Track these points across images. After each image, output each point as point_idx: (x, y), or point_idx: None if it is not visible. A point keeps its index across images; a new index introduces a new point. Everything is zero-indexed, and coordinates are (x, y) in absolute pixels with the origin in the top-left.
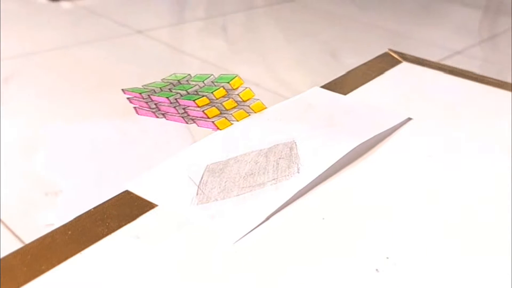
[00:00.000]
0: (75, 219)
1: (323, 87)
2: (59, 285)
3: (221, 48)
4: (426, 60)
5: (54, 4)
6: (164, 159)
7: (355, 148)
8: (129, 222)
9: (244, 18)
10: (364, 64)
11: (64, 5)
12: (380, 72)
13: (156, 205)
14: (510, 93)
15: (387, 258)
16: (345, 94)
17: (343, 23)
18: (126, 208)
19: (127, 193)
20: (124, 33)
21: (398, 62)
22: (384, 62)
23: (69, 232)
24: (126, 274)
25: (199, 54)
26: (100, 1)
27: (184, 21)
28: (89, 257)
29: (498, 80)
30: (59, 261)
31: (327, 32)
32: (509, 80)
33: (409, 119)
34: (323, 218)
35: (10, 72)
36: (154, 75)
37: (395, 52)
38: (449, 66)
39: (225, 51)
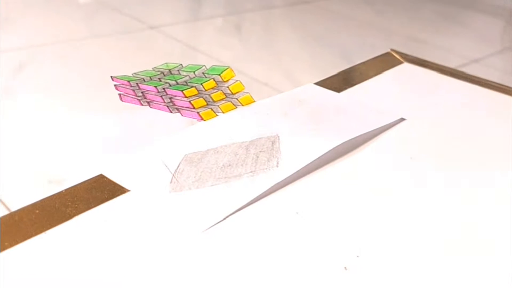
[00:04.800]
0: (45, 198)
1: (318, 83)
2: (18, 262)
3: (233, 46)
4: (429, 62)
5: None
6: (144, 146)
7: (339, 145)
8: (98, 205)
9: (259, 18)
10: (363, 63)
11: None
12: (379, 71)
13: (128, 190)
14: (511, 97)
15: (357, 256)
16: (339, 91)
17: (358, 27)
18: (97, 191)
19: (100, 177)
20: (137, 28)
21: (400, 62)
22: (384, 62)
23: (37, 211)
24: (88, 256)
25: (211, 52)
26: None
27: (199, 18)
28: (52, 237)
29: (501, 85)
30: (23, 239)
31: (342, 35)
32: None
33: (402, 119)
34: (297, 212)
35: (23, 62)
36: None
37: (397, 52)
38: (451, 69)
39: (237, 49)
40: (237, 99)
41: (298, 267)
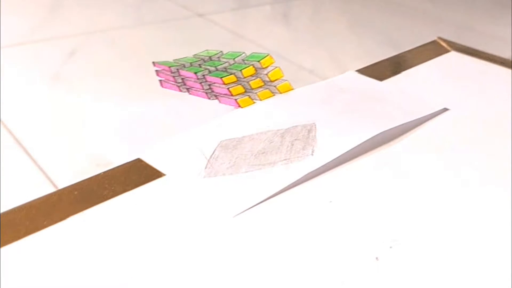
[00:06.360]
0: (84, 180)
1: (360, 71)
2: (56, 240)
3: (281, 34)
4: (477, 51)
5: None
6: (181, 132)
7: (378, 135)
8: (134, 188)
9: (307, 5)
10: (409, 51)
11: None
12: (425, 59)
13: (164, 175)
14: None
15: (391, 247)
16: (382, 79)
17: (410, 15)
18: (134, 174)
19: (138, 161)
20: (184, 15)
21: (447, 50)
22: (431, 50)
23: (76, 192)
24: (122, 237)
25: (258, 40)
26: None
27: (246, 6)
28: (89, 217)
29: None
30: (61, 218)
31: (391, 22)
32: None
33: (445, 109)
34: (330, 201)
35: (74, 48)
36: None
37: (444, 40)
38: (501, 58)
39: (284, 37)
40: (275, 86)
41: (328, 256)
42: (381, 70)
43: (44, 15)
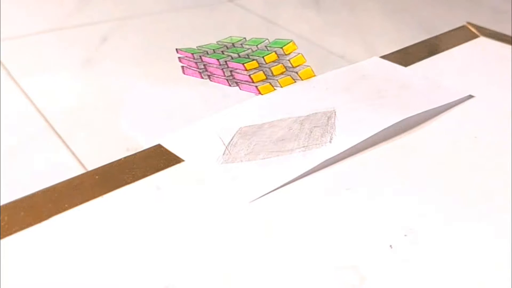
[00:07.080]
0: (105, 165)
1: (385, 57)
2: (77, 222)
3: (311, 19)
4: (507, 36)
5: None
6: (201, 118)
7: (399, 122)
8: (153, 173)
9: None
10: (436, 36)
11: None
12: (452, 45)
13: (183, 160)
14: None
15: (405, 235)
16: (407, 65)
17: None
18: (154, 160)
19: (158, 147)
20: (215, 1)
21: (475, 36)
22: (459, 36)
23: (97, 177)
24: (139, 221)
25: (288, 25)
26: None
27: None
28: (109, 200)
29: None
30: (82, 202)
31: (427, 8)
32: None
33: (470, 96)
34: (348, 189)
35: (106, 35)
36: None
37: (473, 25)
38: None
39: (315, 22)
40: (296, 72)
41: (343, 243)
42: (408, 56)
43: (77, 1)
